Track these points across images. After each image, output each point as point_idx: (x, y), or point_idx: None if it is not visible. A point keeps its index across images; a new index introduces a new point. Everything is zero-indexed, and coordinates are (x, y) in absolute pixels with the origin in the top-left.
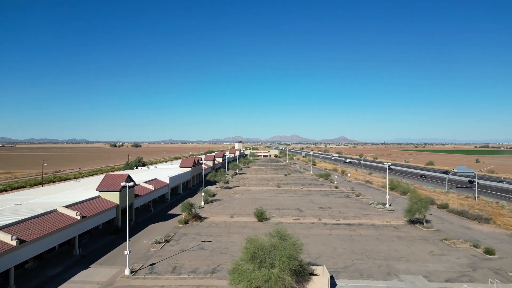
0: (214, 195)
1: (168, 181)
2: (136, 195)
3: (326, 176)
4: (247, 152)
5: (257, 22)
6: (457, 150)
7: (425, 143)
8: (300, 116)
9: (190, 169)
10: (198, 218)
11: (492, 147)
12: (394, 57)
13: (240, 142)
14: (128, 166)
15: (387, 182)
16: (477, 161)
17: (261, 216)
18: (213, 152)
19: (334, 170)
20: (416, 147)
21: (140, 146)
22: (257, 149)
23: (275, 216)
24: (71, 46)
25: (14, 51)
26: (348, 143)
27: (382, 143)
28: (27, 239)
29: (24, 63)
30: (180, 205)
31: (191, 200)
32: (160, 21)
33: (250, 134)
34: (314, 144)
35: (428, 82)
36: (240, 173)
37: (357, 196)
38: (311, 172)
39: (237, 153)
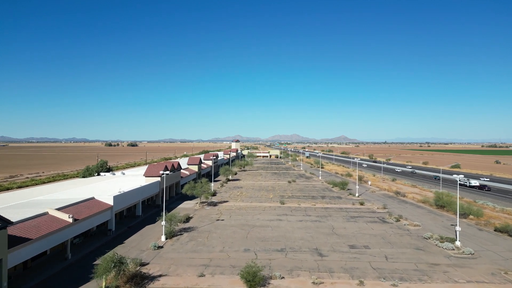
0: (187, 219)
1: (111, 202)
2: (18, 241)
3: (343, 185)
4: (245, 152)
5: (257, 21)
6: (466, 150)
7: (426, 142)
8: (301, 115)
9: (158, 179)
10: (138, 281)
11: (500, 147)
12: (393, 56)
13: (237, 141)
14: (88, 172)
15: (458, 203)
16: (497, 162)
17: (253, 280)
18: (208, 151)
19: (349, 175)
20: (420, 146)
21: (136, 145)
22: (256, 148)
23: (278, 275)
24: (72, 45)
25: (14, 50)
26: (349, 142)
27: (383, 142)
28: None
29: (25, 62)
30: (100, 260)
31: (150, 229)
32: (161, 20)
33: (250, 133)
34: (315, 143)
35: (427, 81)
36: (233, 179)
37: (397, 220)
38: (320, 177)
39: (233, 154)
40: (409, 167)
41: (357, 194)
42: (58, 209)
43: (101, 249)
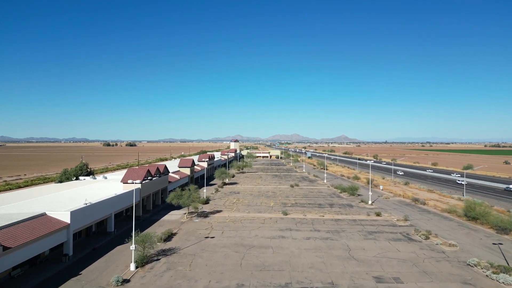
0: (169, 237)
1: (67, 219)
2: None
3: (352, 190)
4: (245, 152)
5: (257, 21)
6: (470, 150)
7: (428, 142)
8: (301, 115)
9: (138, 185)
10: None
11: (503, 147)
12: (394, 55)
13: (236, 141)
14: (65, 176)
15: None
16: (506, 162)
17: None
18: (207, 151)
19: (356, 178)
20: (422, 146)
21: (135, 145)
22: (256, 148)
23: None
24: (72, 45)
25: (14, 50)
26: (349, 142)
27: (384, 142)
28: None
29: (25, 62)
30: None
31: (120, 251)
32: (161, 20)
33: (250, 133)
34: (316, 143)
35: (427, 81)
36: (230, 183)
37: (426, 237)
38: (325, 181)
39: (231, 155)
40: (467, 176)
41: (370, 202)
42: None
43: (45, 285)
